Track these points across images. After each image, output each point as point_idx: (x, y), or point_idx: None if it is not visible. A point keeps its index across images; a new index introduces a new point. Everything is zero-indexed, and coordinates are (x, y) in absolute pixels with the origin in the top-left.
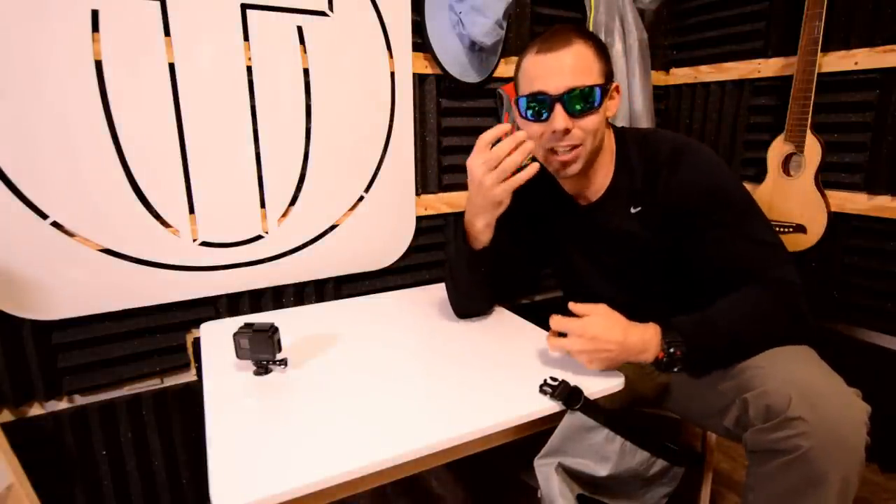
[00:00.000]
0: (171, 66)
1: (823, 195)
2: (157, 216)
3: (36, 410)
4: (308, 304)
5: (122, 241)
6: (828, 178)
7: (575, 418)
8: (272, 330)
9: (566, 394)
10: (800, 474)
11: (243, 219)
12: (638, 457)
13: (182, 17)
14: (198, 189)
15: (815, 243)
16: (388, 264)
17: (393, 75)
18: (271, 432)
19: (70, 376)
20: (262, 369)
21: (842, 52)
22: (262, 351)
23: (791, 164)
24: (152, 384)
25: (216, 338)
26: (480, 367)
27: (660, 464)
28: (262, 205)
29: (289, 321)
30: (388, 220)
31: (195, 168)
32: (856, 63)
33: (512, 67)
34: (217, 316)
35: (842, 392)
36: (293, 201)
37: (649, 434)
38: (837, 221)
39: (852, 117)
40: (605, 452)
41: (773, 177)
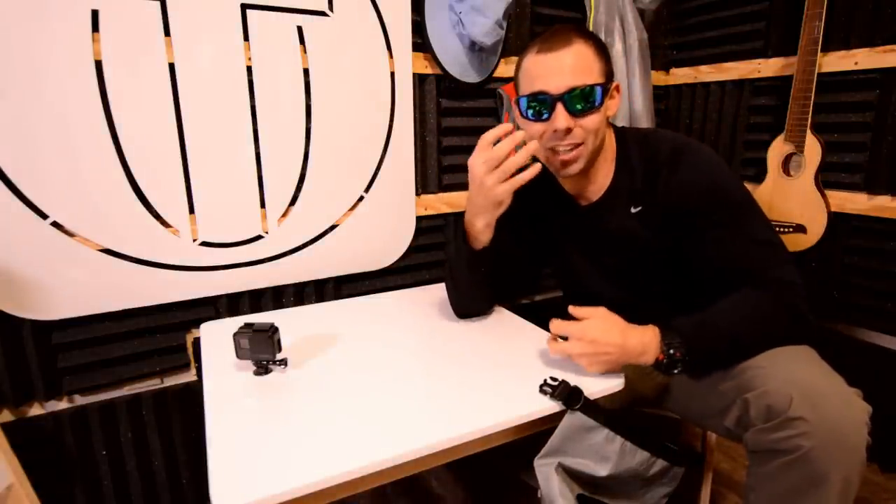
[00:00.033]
0: (171, 66)
1: (823, 195)
2: (157, 216)
3: (36, 410)
4: (308, 304)
5: (122, 241)
6: (828, 178)
7: (575, 418)
8: (272, 330)
9: (566, 394)
10: (801, 474)
11: (243, 219)
12: (638, 457)
13: (182, 17)
14: (198, 189)
15: (815, 243)
16: (388, 264)
17: (393, 75)
18: (271, 432)
19: (70, 376)
20: (262, 369)
21: (842, 52)
22: (262, 351)
23: (791, 164)
24: (152, 384)
25: (216, 338)
26: (480, 367)
27: (660, 464)
28: (262, 205)
29: (289, 321)
30: (388, 220)
31: (195, 168)
32: (856, 63)
33: (512, 67)
34: (217, 316)
35: (843, 392)
36: (293, 201)
37: (649, 434)
38: (837, 221)
39: (852, 117)
40: (605, 452)
41: (773, 177)
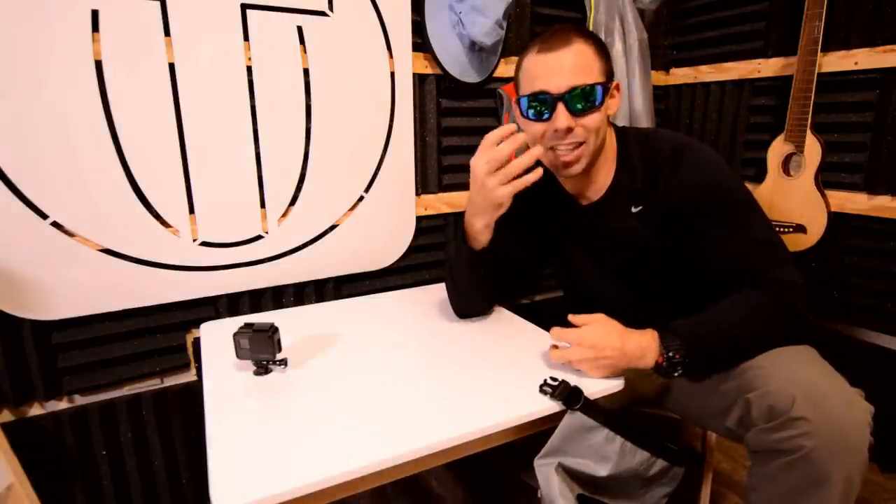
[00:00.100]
0: (171, 66)
1: (823, 195)
2: (157, 216)
3: (36, 410)
4: (308, 304)
5: (122, 241)
6: (828, 178)
7: (575, 418)
8: (272, 330)
9: (566, 394)
10: (802, 474)
11: (243, 219)
12: (638, 457)
13: (182, 17)
14: (198, 189)
15: (815, 243)
16: (388, 264)
17: (393, 75)
18: (271, 432)
19: (70, 376)
20: (262, 369)
21: (842, 52)
22: (262, 351)
23: (791, 164)
24: (152, 384)
25: (216, 338)
26: (480, 367)
27: (660, 464)
28: (262, 205)
29: (289, 321)
30: (388, 220)
31: (195, 168)
32: (856, 63)
33: (512, 67)
34: (217, 316)
35: (845, 392)
36: (293, 201)
37: (649, 434)
38: (837, 221)
39: (852, 117)
40: (605, 452)
41: (773, 177)
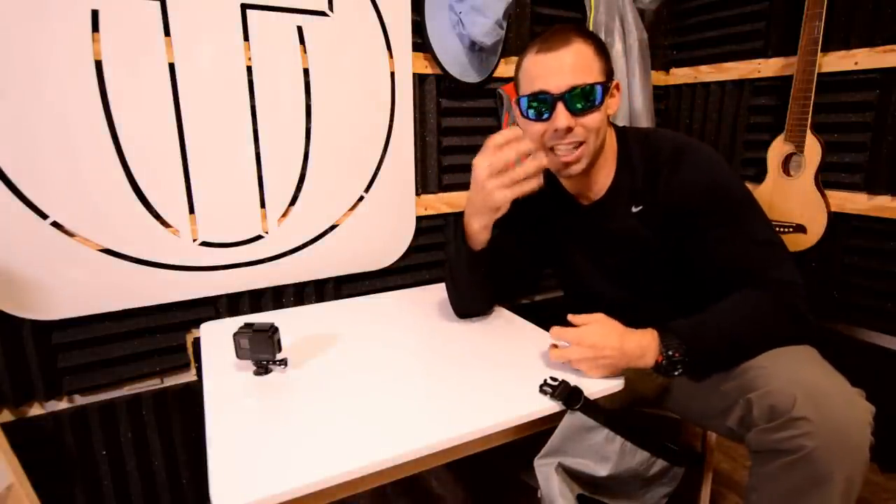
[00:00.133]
0: (171, 66)
1: (823, 195)
2: (157, 216)
3: (36, 410)
4: (308, 304)
5: (122, 241)
6: (828, 178)
7: (575, 418)
8: (272, 330)
9: (566, 394)
10: (803, 474)
11: (243, 219)
12: (638, 457)
13: (182, 17)
14: (198, 189)
15: (815, 243)
16: (388, 264)
17: (393, 75)
18: (271, 432)
19: (70, 376)
20: (262, 369)
21: (842, 52)
22: (262, 351)
23: (791, 164)
24: (152, 384)
25: (216, 338)
26: (480, 367)
27: (660, 464)
28: (262, 205)
29: (289, 321)
30: (388, 220)
31: (195, 168)
32: (856, 63)
33: (512, 67)
34: (217, 316)
35: (846, 392)
36: (293, 201)
37: (649, 434)
38: (837, 221)
39: (852, 117)
40: (605, 452)
41: (773, 177)
